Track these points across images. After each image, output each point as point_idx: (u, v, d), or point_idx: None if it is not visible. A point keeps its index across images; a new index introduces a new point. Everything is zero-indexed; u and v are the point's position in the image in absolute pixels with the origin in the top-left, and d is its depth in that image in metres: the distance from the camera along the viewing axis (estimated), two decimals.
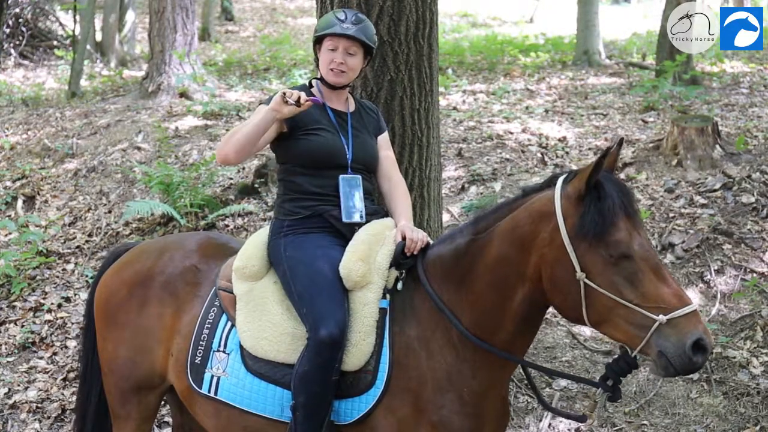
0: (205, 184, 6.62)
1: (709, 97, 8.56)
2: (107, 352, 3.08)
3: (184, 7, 9.89)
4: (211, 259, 3.01)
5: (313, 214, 2.81)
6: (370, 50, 2.93)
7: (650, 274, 2.24)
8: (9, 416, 4.62)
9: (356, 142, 2.88)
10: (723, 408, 4.12)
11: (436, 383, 2.50)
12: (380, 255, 2.67)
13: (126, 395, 3.05)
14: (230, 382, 2.73)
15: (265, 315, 2.73)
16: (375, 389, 2.53)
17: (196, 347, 2.82)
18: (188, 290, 2.95)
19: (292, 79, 9.49)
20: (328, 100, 2.92)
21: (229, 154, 2.73)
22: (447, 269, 2.59)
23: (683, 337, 2.16)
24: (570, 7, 14.82)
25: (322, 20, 2.96)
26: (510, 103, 8.95)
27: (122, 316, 3.03)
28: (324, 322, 2.54)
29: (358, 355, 2.55)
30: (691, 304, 2.21)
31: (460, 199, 6.27)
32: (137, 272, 3.07)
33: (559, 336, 4.71)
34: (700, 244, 5.14)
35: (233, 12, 20.18)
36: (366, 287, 2.63)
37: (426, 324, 2.57)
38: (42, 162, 8.03)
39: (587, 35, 11.83)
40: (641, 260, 2.25)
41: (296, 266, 2.72)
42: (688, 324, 2.18)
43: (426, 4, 3.82)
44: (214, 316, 2.84)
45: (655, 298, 2.22)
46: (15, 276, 5.86)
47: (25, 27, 14.57)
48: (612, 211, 2.26)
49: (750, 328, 4.57)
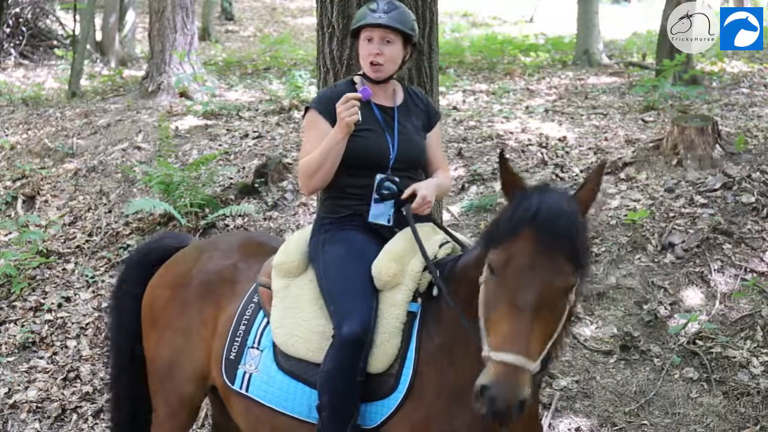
0: (206, 184, 6.62)
1: (709, 97, 8.56)
2: (150, 354, 3.12)
3: (184, 7, 9.89)
4: (252, 258, 3.01)
5: (354, 213, 2.78)
6: (409, 38, 2.84)
7: (504, 306, 2.07)
8: (9, 416, 4.63)
9: (402, 140, 2.81)
10: (723, 408, 4.12)
11: (453, 393, 2.44)
12: (416, 258, 2.62)
13: (169, 396, 3.05)
14: (261, 379, 2.71)
15: (298, 312, 2.71)
16: (397, 394, 2.49)
17: (232, 343, 2.81)
18: (227, 288, 2.95)
19: (292, 79, 9.47)
20: (375, 95, 2.83)
21: (318, 187, 2.79)
22: (471, 279, 2.51)
23: (479, 380, 2.05)
24: (570, 7, 14.81)
25: (356, 14, 2.90)
26: (510, 103, 8.94)
27: (165, 318, 3.06)
28: (348, 319, 2.50)
29: (381, 357, 2.52)
30: (510, 354, 2.01)
31: (460, 199, 6.27)
32: (178, 274, 3.10)
33: None
34: (700, 243, 5.14)
35: (233, 12, 20.18)
36: (396, 288, 2.59)
37: (449, 332, 2.51)
38: (42, 162, 8.03)
39: (587, 35, 11.83)
40: (505, 289, 2.09)
41: (329, 263, 2.70)
42: (489, 369, 2.03)
43: (426, 4, 3.82)
44: (251, 312, 2.84)
45: (494, 332, 2.08)
46: (15, 276, 5.86)
47: (25, 27, 14.57)
48: (507, 226, 2.13)
49: (750, 328, 4.57)
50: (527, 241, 2.08)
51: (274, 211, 6.28)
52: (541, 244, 2.06)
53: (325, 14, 3.86)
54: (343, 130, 2.64)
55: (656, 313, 4.70)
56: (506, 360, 2.01)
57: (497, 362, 2.02)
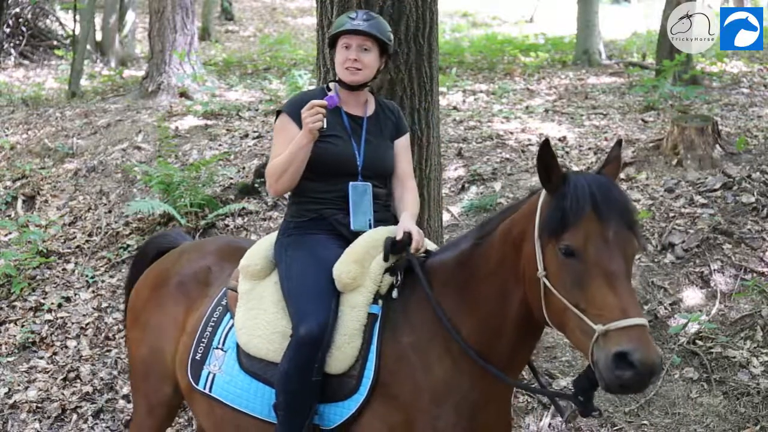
0: (205, 184, 6.62)
1: (709, 97, 8.56)
2: (131, 352, 3.22)
3: (184, 7, 9.89)
4: (226, 261, 3.06)
5: (318, 217, 2.82)
6: (385, 48, 2.91)
7: (600, 280, 2.11)
8: (9, 416, 4.63)
9: (368, 149, 2.86)
10: (723, 408, 4.12)
11: (433, 393, 2.44)
12: (376, 260, 2.65)
13: (147, 394, 3.11)
14: (224, 379, 2.76)
15: (261, 314, 2.75)
16: (358, 395, 2.50)
17: (198, 344, 2.86)
18: (200, 290, 3.01)
19: (292, 79, 9.47)
20: (346, 103, 2.90)
21: (284, 190, 2.84)
22: (450, 275, 2.56)
23: (610, 349, 2.03)
24: (570, 7, 14.81)
25: (335, 22, 2.97)
26: (510, 103, 8.94)
27: (143, 317, 3.13)
28: (305, 320, 2.54)
29: (341, 358, 2.53)
30: (636, 318, 2.06)
31: (460, 199, 6.27)
32: (157, 274, 3.19)
33: (560, 336, 4.71)
34: (700, 243, 5.14)
35: (233, 12, 20.17)
36: (356, 290, 2.61)
37: (423, 332, 2.52)
38: (42, 162, 8.03)
39: (587, 35, 11.83)
40: (593, 264, 2.13)
41: (291, 265, 2.75)
42: (621, 337, 2.03)
43: (426, 4, 3.82)
44: (218, 314, 2.89)
45: (600, 306, 2.09)
46: (15, 276, 5.86)
47: (25, 27, 14.57)
48: (571, 210, 2.17)
49: (750, 328, 4.57)
50: (594, 218, 2.16)
51: (273, 211, 6.28)
52: (608, 217, 2.17)
53: (325, 14, 3.87)
54: (307, 136, 2.70)
55: (656, 313, 4.71)
56: (635, 323, 2.05)
57: (627, 327, 2.04)
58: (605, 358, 2.04)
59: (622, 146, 2.44)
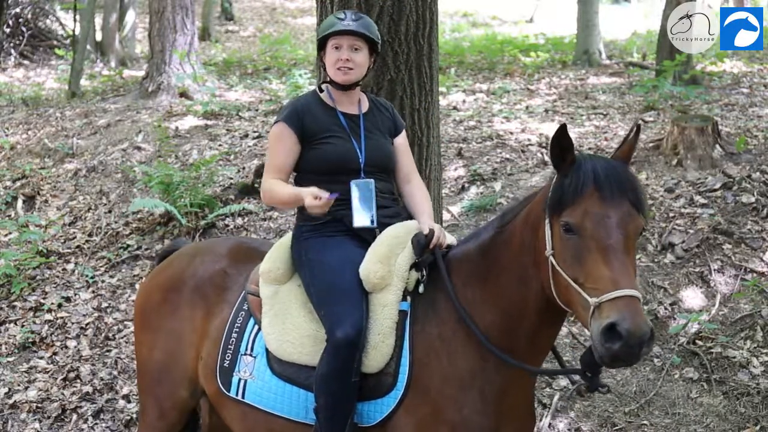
0: (205, 184, 6.62)
1: (709, 97, 8.56)
2: (142, 355, 3.17)
3: (184, 7, 9.89)
4: (240, 264, 3.06)
5: (332, 219, 2.81)
6: (374, 46, 2.93)
7: (596, 254, 2.15)
8: (9, 416, 4.63)
9: (369, 144, 2.87)
10: (723, 408, 4.12)
11: (458, 381, 2.49)
12: (401, 257, 2.67)
13: (159, 398, 3.08)
14: (256, 385, 2.77)
15: (288, 318, 2.76)
16: (396, 391, 2.54)
17: (225, 351, 2.86)
18: (217, 294, 3.00)
19: (292, 79, 9.47)
20: (339, 103, 2.93)
21: (273, 205, 2.94)
22: (473, 265, 2.59)
23: (601, 322, 2.07)
24: (570, 7, 14.81)
25: (322, 24, 2.98)
26: (510, 103, 8.95)
27: (156, 320, 3.10)
28: (340, 323, 2.56)
29: (377, 357, 2.57)
30: (626, 288, 2.08)
31: (460, 199, 6.27)
32: (170, 277, 3.15)
33: (560, 335, 4.71)
34: (700, 243, 5.14)
35: (233, 12, 20.18)
36: (385, 289, 2.64)
37: (448, 322, 2.56)
38: (42, 162, 8.03)
39: (587, 35, 11.83)
40: (590, 239, 2.17)
41: (315, 269, 2.75)
42: (611, 308, 2.06)
43: (426, 4, 3.81)
44: (242, 319, 2.89)
45: (595, 280, 2.13)
46: (15, 276, 5.86)
47: (25, 27, 14.58)
48: (573, 187, 2.22)
49: (750, 328, 4.57)
50: (595, 195, 2.21)
51: (273, 211, 6.28)
52: (609, 195, 2.20)
53: (325, 14, 3.86)
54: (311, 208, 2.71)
55: (656, 314, 4.71)
56: (625, 293, 2.07)
57: (616, 298, 2.07)
58: (597, 331, 2.08)
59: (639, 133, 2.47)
